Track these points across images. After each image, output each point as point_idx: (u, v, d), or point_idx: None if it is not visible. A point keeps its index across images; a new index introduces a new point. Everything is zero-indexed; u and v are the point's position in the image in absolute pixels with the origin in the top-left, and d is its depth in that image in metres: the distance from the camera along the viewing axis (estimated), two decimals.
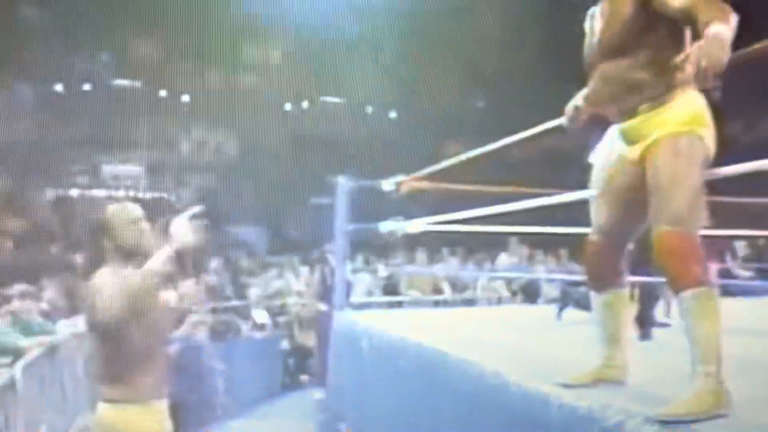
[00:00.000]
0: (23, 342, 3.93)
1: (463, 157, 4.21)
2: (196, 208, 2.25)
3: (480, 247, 7.86)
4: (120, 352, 2.15)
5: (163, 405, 2.30)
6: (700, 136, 2.09)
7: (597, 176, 2.33)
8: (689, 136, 2.08)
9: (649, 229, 2.09)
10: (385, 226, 4.68)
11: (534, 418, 2.60)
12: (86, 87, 6.90)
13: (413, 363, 3.69)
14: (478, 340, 3.71)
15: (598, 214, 2.30)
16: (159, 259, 2.19)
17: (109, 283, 2.12)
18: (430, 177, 4.59)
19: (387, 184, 4.59)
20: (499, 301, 6.81)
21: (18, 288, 4.33)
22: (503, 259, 8.00)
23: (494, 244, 7.86)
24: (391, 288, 6.35)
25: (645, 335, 3.59)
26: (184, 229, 2.21)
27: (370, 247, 6.43)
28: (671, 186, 2.05)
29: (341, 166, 5.34)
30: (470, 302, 6.74)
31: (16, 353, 3.81)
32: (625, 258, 2.35)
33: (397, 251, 7.01)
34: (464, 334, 3.94)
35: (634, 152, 2.16)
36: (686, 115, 2.10)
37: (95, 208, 2.37)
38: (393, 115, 8.53)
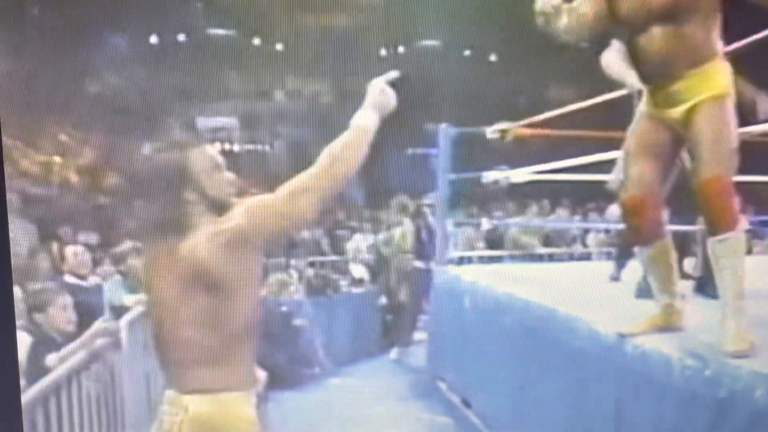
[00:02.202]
0: (128, 299, 4.10)
1: (573, 107, 4.12)
2: (395, 73, 2.06)
3: (588, 197, 7.65)
4: (223, 326, 1.82)
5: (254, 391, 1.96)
6: (732, 98, 2.48)
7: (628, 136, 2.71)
8: (730, 97, 2.47)
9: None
10: (489, 176, 4.63)
11: (654, 380, 2.56)
12: (181, 38, 7.06)
13: (519, 321, 3.68)
14: (589, 296, 3.65)
15: (634, 170, 2.64)
16: (364, 119, 2.00)
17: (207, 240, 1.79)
18: (536, 124, 4.50)
19: (491, 132, 4.52)
20: (610, 254, 6.64)
21: (128, 245, 4.46)
22: (613, 210, 7.75)
23: (603, 195, 7.61)
24: (494, 242, 6.30)
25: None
26: (387, 91, 2.02)
27: (473, 199, 6.38)
28: (721, 138, 2.44)
29: (439, 114, 5.28)
30: (579, 256, 6.62)
31: (121, 310, 3.99)
32: (663, 209, 2.70)
33: (502, 203, 6.91)
34: (573, 290, 3.88)
35: (675, 112, 2.51)
36: (727, 79, 2.49)
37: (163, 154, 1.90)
38: (493, 58, 8.32)
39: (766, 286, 3.00)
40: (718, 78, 2.49)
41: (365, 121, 2.00)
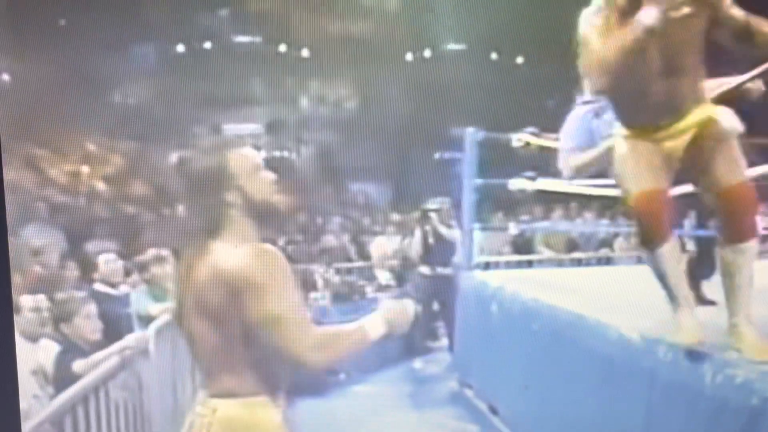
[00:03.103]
0: (153, 308, 4.08)
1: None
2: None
3: (616, 201, 7.58)
4: (250, 338, 1.82)
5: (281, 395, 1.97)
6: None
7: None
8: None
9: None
10: (515, 183, 4.61)
11: (684, 386, 2.52)
12: (207, 45, 7.15)
13: (546, 326, 3.66)
14: (618, 301, 3.61)
15: (639, 172, 2.61)
16: (373, 328, 1.89)
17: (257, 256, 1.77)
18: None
19: (515, 140, 4.50)
20: (639, 259, 6.57)
21: (152, 253, 4.36)
22: None
23: None
24: (521, 246, 6.28)
25: None
26: (409, 312, 1.96)
27: (499, 204, 6.36)
28: (733, 147, 2.47)
29: (466, 118, 5.27)
30: (607, 261, 6.56)
31: (148, 320, 3.98)
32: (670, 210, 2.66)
33: (529, 207, 6.89)
34: (602, 295, 3.85)
35: (680, 142, 2.52)
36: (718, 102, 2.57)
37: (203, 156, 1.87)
38: (520, 60, 8.29)
39: None
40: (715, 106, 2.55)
41: (373, 331, 1.90)
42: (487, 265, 5.22)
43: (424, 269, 5.64)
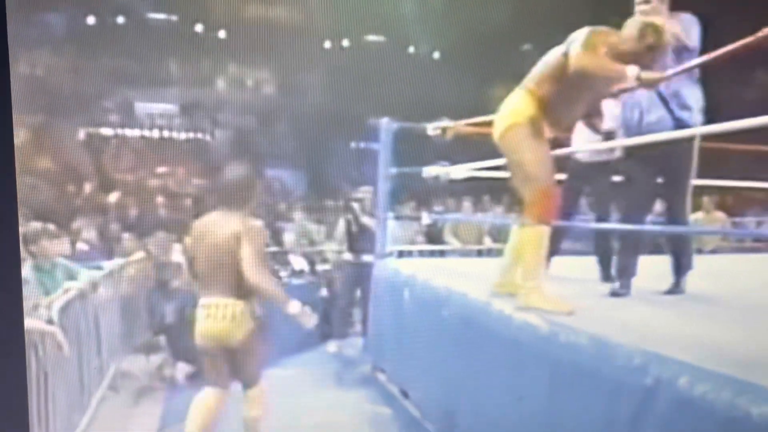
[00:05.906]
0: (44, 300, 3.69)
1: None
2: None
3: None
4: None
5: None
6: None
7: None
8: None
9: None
10: (429, 171, 4.74)
11: (586, 368, 2.70)
12: (120, 20, 6.94)
13: (456, 313, 3.80)
14: None
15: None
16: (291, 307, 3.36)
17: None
18: (478, 123, 4.62)
19: (431, 129, 4.63)
20: None
21: (33, 226, 3.83)
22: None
23: None
24: (433, 236, 6.43)
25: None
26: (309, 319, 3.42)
27: (414, 194, 6.48)
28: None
29: (383, 108, 5.36)
30: None
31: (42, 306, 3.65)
32: None
33: (442, 198, 7.05)
34: None
35: None
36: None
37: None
38: (437, 55, 8.44)
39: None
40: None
41: (291, 307, 3.37)
42: (401, 254, 5.35)
43: (348, 256, 5.74)
